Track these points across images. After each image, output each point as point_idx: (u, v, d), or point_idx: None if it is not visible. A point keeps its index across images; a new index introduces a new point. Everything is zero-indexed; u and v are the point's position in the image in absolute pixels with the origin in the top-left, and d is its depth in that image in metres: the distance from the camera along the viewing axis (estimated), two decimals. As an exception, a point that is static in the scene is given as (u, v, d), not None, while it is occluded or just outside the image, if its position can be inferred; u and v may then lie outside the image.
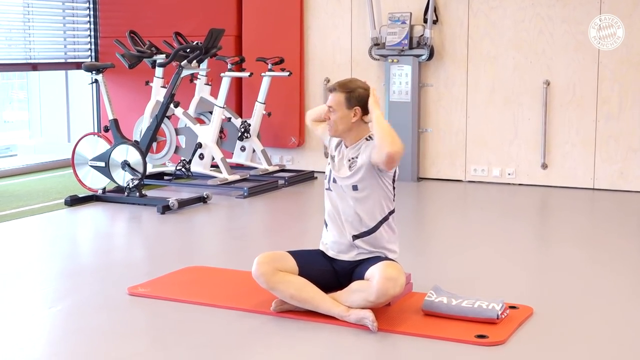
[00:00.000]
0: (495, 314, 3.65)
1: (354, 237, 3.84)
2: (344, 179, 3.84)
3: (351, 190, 3.81)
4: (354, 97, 3.80)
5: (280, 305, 3.84)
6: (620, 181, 7.18)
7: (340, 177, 3.85)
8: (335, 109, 3.83)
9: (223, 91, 7.51)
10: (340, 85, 3.84)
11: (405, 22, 7.63)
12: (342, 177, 3.84)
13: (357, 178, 3.80)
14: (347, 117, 3.81)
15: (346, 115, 3.81)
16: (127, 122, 7.59)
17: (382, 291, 3.61)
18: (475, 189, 7.51)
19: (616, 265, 4.85)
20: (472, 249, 5.27)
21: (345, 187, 3.83)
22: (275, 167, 7.96)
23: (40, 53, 8.79)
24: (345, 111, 3.81)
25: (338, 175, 3.86)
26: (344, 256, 3.88)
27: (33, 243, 5.69)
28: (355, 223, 3.83)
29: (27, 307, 4.10)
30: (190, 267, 4.72)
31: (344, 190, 3.84)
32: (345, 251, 3.88)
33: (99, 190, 6.89)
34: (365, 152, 3.80)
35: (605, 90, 7.15)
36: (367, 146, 3.81)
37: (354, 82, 3.87)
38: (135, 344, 3.57)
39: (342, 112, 3.82)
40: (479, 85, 7.62)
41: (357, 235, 3.84)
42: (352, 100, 3.80)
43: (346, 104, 3.81)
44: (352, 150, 3.86)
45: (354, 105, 3.80)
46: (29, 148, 9.73)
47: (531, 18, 7.35)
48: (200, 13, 8.50)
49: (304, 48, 8.27)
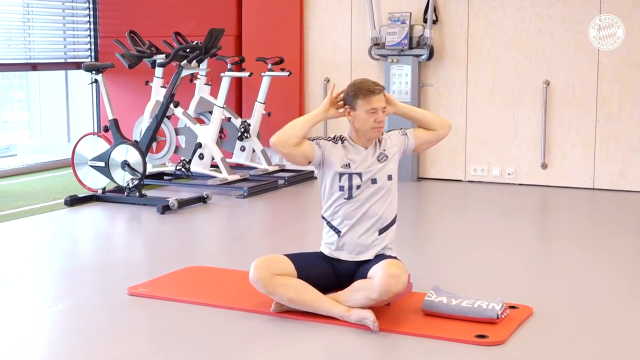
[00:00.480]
0: (495, 313, 3.65)
1: (380, 232, 3.88)
2: (378, 172, 3.87)
3: (387, 179, 3.88)
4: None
5: (280, 307, 3.83)
6: (620, 181, 7.18)
7: (374, 170, 3.86)
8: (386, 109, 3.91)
9: (223, 91, 7.51)
10: (380, 87, 3.87)
11: (405, 22, 7.63)
12: (376, 171, 3.87)
13: (390, 167, 3.91)
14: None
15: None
16: (127, 122, 7.59)
17: (385, 288, 3.62)
18: (475, 188, 7.51)
19: (616, 265, 4.85)
20: (472, 249, 5.27)
21: (380, 180, 3.86)
22: (275, 167, 7.96)
23: (40, 53, 8.79)
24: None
25: (367, 170, 3.86)
26: (364, 256, 3.88)
27: (33, 243, 5.69)
28: (383, 217, 3.88)
29: (27, 307, 4.10)
30: (190, 267, 4.72)
31: (380, 184, 3.86)
32: (366, 250, 3.89)
33: (98, 190, 6.89)
34: (393, 144, 3.94)
35: (605, 90, 7.15)
36: (390, 138, 3.96)
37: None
38: (135, 344, 3.57)
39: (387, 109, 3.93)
40: (478, 85, 7.62)
41: (382, 229, 3.88)
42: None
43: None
44: (373, 149, 3.91)
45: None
46: (28, 148, 9.73)
47: (531, 18, 7.35)
48: (200, 13, 8.50)
49: (303, 48, 8.28)
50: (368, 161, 3.88)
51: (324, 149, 3.89)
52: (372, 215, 3.86)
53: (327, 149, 3.89)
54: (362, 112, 3.83)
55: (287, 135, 3.83)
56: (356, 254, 3.89)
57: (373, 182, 3.87)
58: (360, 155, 3.89)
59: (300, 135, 3.84)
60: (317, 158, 3.88)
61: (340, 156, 3.89)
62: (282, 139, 3.83)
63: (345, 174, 3.87)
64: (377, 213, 3.87)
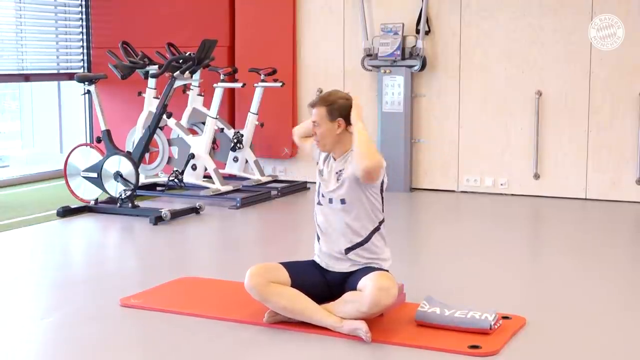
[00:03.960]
0: (488, 324, 3.65)
1: (347, 250, 3.84)
2: (332, 192, 3.85)
3: (339, 203, 3.83)
4: (335, 109, 3.83)
5: (273, 317, 3.83)
6: (612, 191, 7.19)
7: (329, 190, 3.87)
8: (319, 123, 3.85)
9: (216, 102, 7.51)
10: (321, 99, 3.87)
11: (398, 33, 7.65)
12: (330, 191, 3.86)
13: (344, 191, 3.82)
14: (331, 130, 3.83)
15: (330, 128, 3.83)
16: (119, 133, 7.57)
17: (375, 301, 3.61)
18: (468, 199, 7.51)
19: (608, 275, 4.86)
20: (465, 259, 5.27)
21: (334, 200, 3.85)
22: (268, 177, 7.96)
23: (32, 64, 8.78)
24: (328, 124, 3.83)
25: (326, 190, 3.87)
26: (337, 267, 3.88)
27: (25, 254, 5.67)
28: (347, 235, 3.83)
29: (19, 318, 4.08)
30: (183, 278, 4.71)
31: (334, 203, 3.85)
32: (338, 263, 3.88)
33: (91, 201, 6.88)
34: (351, 164, 3.81)
35: (597, 100, 7.17)
36: (353, 157, 3.81)
37: (334, 95, 3.90)
38: (128, 355, 3.56)
39: (326, 125, 3.83)
40: (471, 96, 7.64)
41: (350, 248, 3.84)
42: (334, 112, 3.83)
43: (329, 117, 3.83)
44: (339, 163, 3.88)
45: (336, 117, 3.83)
46: (21, 159, 9.71)
47: (523, 28, 7.38)
48: (192, 24, 8.50)
49: (296, 59, 8.29)
50: (331, 174, 3.89)
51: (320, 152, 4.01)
52: (339, 230, 3.85)
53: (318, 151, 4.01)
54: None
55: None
56: (330, 264, 3.90)
57: (330, 201, 3.87)
58: (328, 166, 3.93)
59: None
60: None
61: (322, 160, 3.99)
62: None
63: (318, 177, 3.96)
64: (341, 229, 3.84)
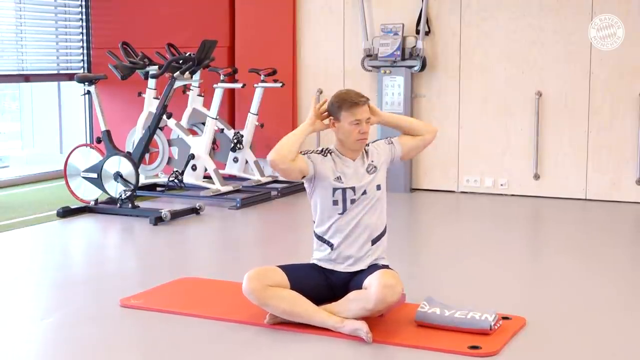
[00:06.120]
0: (488, 324, 3.65)
1: (372, 242, 3.88)
2: (367, 184, 3.88)
3: (376, 190, 3.89)
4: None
5: (274, 318, 3.82)
6: (612, 192, 7.19)
7: (362, 184, 3.87)
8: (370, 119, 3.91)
9: (216, 102, 7.52)
10: (363, 97, 3.88)
11: (398, 34, 7.65)
12: (364, 184, 3.87)
13: (379, 177, 3.92)
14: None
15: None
16: (119, 133, 7.57)
17: (381, 298, 3.62)
18: (468, 199, 7.51)
19: (608, 275, 4.86)
20: (465, 260, 5.27)
21: (369, 190, 3.87)
22: (268, 178, 7.96)
23: (32, 64, 8.78)
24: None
25: (359, 184, 3.87)
26: (357, 266, 3.88)
27: (25, 254, 5.67)
28: (374, 228, 3.89)
29: (20, 319, 4.08)
30: (183, 278, 4.71)
31: (369, 193, 3.87)
32: (359, 261, 3.89)
33: (91, 202, 6.88)
34: (380, 154, 3.96)
35: (597, 101, 7.17)
36: (376, 148, 3.97)
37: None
38: (128, 355, 3.56)
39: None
40: (471, 96, 7.64)
41: (375, 239, 3.89)
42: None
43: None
44: (361, 160, 3.92)
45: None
46: (21, 159, 9.71)
47: (523, 29, 7.38)
48: (192, 24, 8.50)
49: (296, 59, 8.29)
50: (359, 174, 3.89)
51: (315, 162, 3.88)
52: (365, 226, 3.87)
53: (317, 162, 3.89)
54: (346, 123, 3.83)
55: (286, 151, 3.80)
56: (349, 265, 3.89)
57: (364, 193, 3.88)
58: (349, 168, 3.89)
59: (295, 150, 3.83)
60: (310, 172, 3.88)
61: (332, 169, 3.88)
62: (281, 155, 3.79)
63: (339, 188, 3.86)
64: (369, 223, 3.88)
